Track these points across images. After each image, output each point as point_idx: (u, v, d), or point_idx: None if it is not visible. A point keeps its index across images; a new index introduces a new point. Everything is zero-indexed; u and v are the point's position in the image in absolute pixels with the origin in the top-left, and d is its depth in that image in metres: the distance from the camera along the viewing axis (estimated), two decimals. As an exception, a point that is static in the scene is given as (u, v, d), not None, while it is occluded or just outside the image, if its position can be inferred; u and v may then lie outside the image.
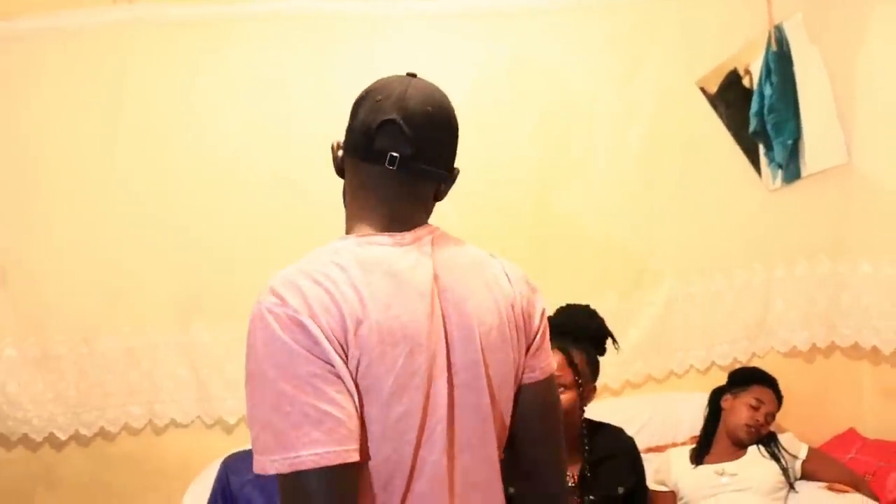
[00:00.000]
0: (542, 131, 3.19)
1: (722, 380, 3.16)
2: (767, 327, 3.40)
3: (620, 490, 2.54)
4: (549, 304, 2.63)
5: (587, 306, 2.67)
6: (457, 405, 1.38)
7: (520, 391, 1.50)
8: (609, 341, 2.64)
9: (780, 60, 3.25)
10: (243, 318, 1.40)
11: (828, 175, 3.29)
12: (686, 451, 3.05)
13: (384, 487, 1.32)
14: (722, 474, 2.92)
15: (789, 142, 3.27)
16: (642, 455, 3.04)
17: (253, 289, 1.43)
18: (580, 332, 2.58)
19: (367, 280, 1.32)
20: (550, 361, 1.55)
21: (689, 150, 3.29)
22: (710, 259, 3.34)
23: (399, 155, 1.39)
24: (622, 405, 3.26)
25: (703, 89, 3.28)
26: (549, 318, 2.59)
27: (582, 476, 2.52)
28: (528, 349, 1.51)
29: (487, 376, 1.41)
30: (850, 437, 3.36)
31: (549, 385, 1.54)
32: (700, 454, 3.03)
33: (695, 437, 3.12)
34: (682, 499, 2.95)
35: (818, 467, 2.98)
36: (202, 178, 2.97)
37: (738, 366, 3.30)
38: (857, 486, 2.90)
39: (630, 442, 2.64)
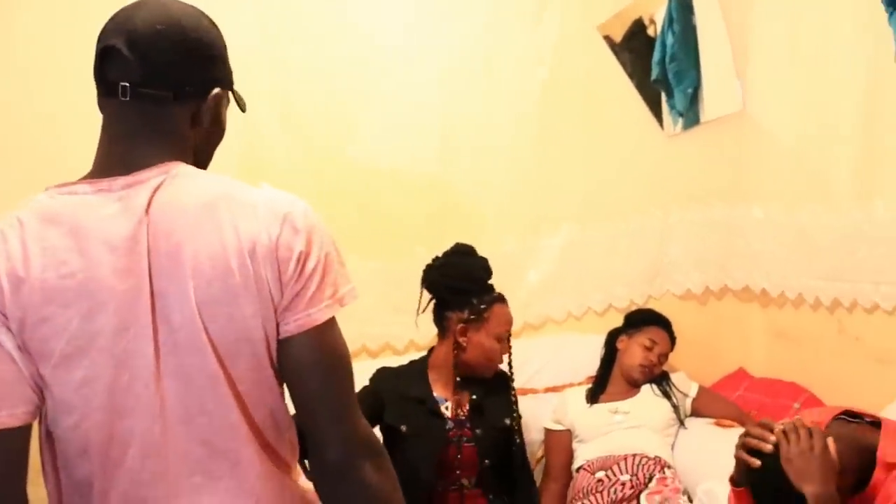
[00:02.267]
0: (445, 77, 3.20)
1: (619, 322, 3.24)
2: (663, 270, 3.49)
3: (507, 422, 2.64)
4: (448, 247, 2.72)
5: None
6: (171, 368, 1.24)
7: (280, 347, 1.29)
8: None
9: (682, 10, 3.30)
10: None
11: (724, 122, 3.37)
12: (582, 391, 3.13)
13: (81, 456, 1.25)
14: (616, 412, 3.01)
15: (689, 90, 3.34)
16: (541, 395, 3.17)
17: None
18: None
19: (43, 235, 1.21)
20: (314, 314, 1.28)
21: (590, 96, 3.35)
22: (609, 204, 3.41)
23: (128, 83, 1.25)
24: (522, 346, 3.27)
25: (608, 38, 3.32)
26: (474, 268, 2.65)
27: (472, 409, 2.62)
28: (282, 299, 1.27)
29: (208, 334, 1.23)
30: (739, 376, 3.48)
31: (309, 341, 1.28)
32: (595, 393, 3.11)
33: (591, 377, 3.20)
34: (577, 437, 3.02)
35: (707, 405, 3.09)
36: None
37: (635, 308, 3.38)
38: (743, 421, 3.01)
39: (505, 375, 2.70)
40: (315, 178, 3.13)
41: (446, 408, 2.63)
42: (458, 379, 2.63)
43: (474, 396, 2.63)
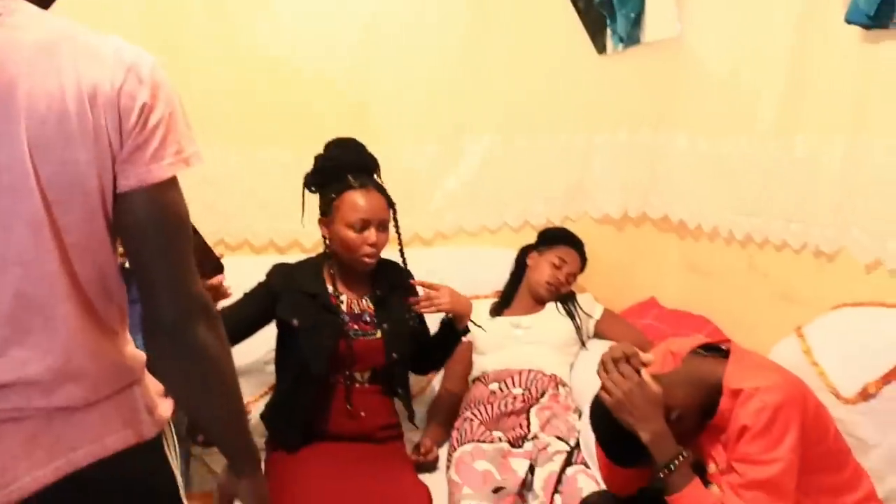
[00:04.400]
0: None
1: (534, 239, 3.20)
2: (583, 192, 3.43)
3: (411, 321, 2.61)
4: (371, 148, 2.62)
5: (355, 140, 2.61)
6: None
7: (118, 202, 1.23)
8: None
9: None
10: None
11: (659, 48, 3.28)
12: (487, 304, 3.10)
13: None
14: (517, 326, 2.99)
15: (632, 14, 3.26)
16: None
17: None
18: (373, 166, 2.59)
19: None
20: (156, 169, 1.23)
21: (526, 7, 3.23)
22: (536, 119, 3.33)
23: None
24: (430, 255, 3.26)
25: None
26: (342, 154, 2.54)
27: (379, 305, 2.59)
28: (122, 151, 1.21)
29: (38, 178, 1.16)
30: (649, 305, 3.47)
31: (149, 197, 1.23)
32: (500, 307, 3.08)
33: (499, 292, 3.17)
34: (476, 348, 3.00)
35: (610, 328, 3.07)
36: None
37: (551, 226, 3.34)
38: (643, 347, 3.00)
39: (405, 272, 2.67)
40: (235, 68, 3.04)
41: (341, 302, 2.58)
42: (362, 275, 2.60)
43: (378, 292, 2.59)
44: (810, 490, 1.90)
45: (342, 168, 2.53)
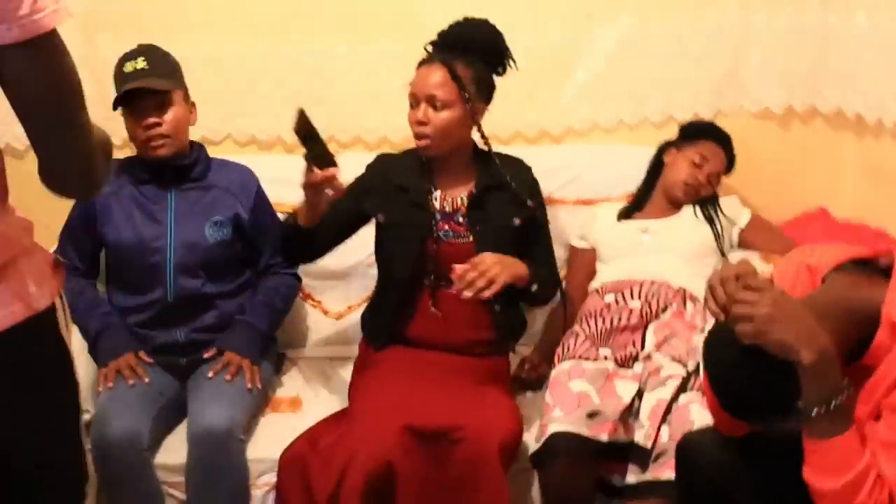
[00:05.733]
0: None
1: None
2: (738, 81, 2.94)
3: (515, 221, 2.34)
4: None
5: (485, 21, 2.34)
6: None
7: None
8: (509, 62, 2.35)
9: None
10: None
11: None
12: (616, 208, 2.75)
13: None
14: (645, 231, 2.62)
15: None
16: (570, 207, 2.81)
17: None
18: (470, 45, 2.29)
19: None
20: (40, 19, 1.14)
21: None
22: (679, -4, 2.88)
23: None
24: (559, 152, 2.93)
25: None
26: (442, 31, 2.30)
27: (472, 204, 2.34)
28: None
29: None
30: (818, 216, 2.96)
31: (34, 48, 1.15)
32: (630, 210, 2.72)
33: (631, 195, 2.80)
34: (599, 256, 2.67)
35: (757, 236, 2.65)
36: None
37: (695, 120, 2.90)
38: (796, 258, 2.57)
39: (527, 171, 2.44)
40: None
41: (434, 198, 2.35)
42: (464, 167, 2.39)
43: (475, 190, 2.34)
44: None
45: (434, 44, 2.33)
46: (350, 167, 2.40)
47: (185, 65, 2.47)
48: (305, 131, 2.05)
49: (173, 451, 2.28)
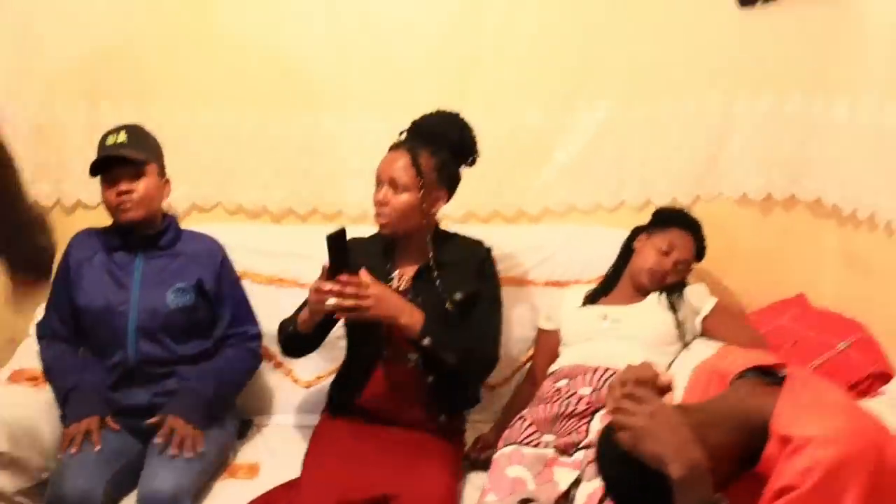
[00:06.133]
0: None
1: (657, 221, 2.81)
2: (718, 168, 2.97)
3: (457, 296, 2.41)
4: (470, 117, 2.42)
5: (457, 115, 2.47)
6: None
7: None
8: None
9: None
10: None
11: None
12: (584, 291, 2.76)
13: None
14: (605, 318, 2.63)
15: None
16: (540, 288, 2.84)
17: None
18: (438, 137, 2.41)
19: None
20: None
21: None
22: (661, 81, 2.91)
23: None
24: (535, 232, 2.98)
25: None
26: (415, 121, 2.42)
27: (416, 277, 2.44)
28: None
29: None
30: (795, 302, 2.94)
31: None
32: (596, 295, 2.73)
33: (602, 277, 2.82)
34: (562, 339, 2.69)
35: (719, 327, 2.61)
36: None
37: (667, 206, 2.90)
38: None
39: (481, 250, 2.53)
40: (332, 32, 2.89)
41: (391, 278, 2.48)
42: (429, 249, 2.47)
43: (420, 265, 2.45)
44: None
45: (408, 131, 2.46)
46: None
47: (181, 134, 2.61)
48: (338, 245, 2.17)
49: (130, 511, 2.35)
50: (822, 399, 1.53)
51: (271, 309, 2.69)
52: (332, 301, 2.19)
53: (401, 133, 2.45)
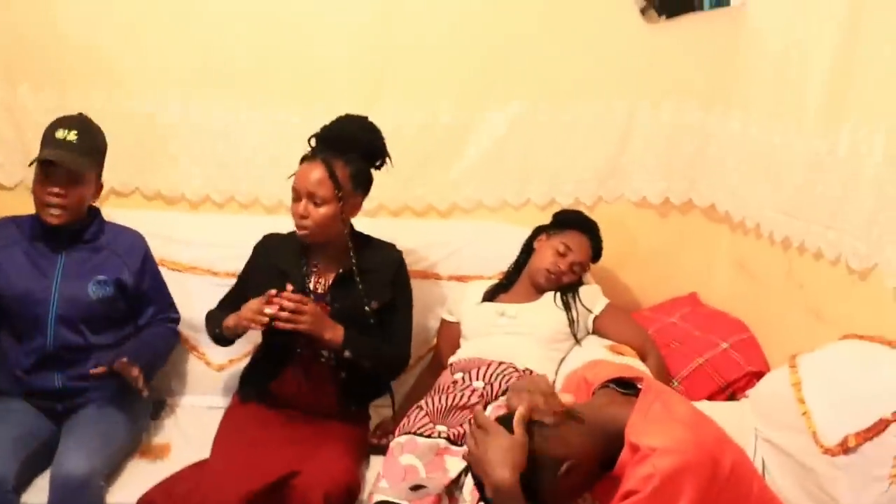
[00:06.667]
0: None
1: (560, 220, 2.95)
2: (620, 171, 3.11)
3: (374, 304, 2.53)
4: (384, 112, 2.51)
5: (365, 118, 2.54)
6: None
7: None
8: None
9: None
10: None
11: (718, 16, 2.92)
12: (485, 286, 2.90)
13: None
14: (502, 314, 2.78)
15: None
16: (445, 282, 2.96)
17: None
18: (349, 143, 2.49)
19: None
20: None
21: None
22: (569, 85, 3.03)
23: None
24: (443, 227, 3.10)
25: None
26: (323, 128, 2.49)
27: (335, 284, 2.53)
28: None
29: None
30: (687, 301, 3.13)
31: None
32: (496, 291, 2.87)
33: (503, 273, 2.96)
34: (462, 334, 2.83)
35: (610, 325, 2.78)
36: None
37: (581, 207, 3.06)
38: (644, 353, 2.71)
39: (395, 257, 2.63)
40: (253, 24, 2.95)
41: (308, 281, 2.58)
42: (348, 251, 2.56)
43: (342, 270, 2.54)
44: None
45: (317, 140, 2.53)
46: (248, 229, 2.72)
47: (101, 119, 2.59)
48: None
49: (43, 491, 2.36)
50: (670, 411, 1.69)
51: (186, 297, 2.80)
52: (269, 310, 2.33)
53: (309, 139, 2.51)
